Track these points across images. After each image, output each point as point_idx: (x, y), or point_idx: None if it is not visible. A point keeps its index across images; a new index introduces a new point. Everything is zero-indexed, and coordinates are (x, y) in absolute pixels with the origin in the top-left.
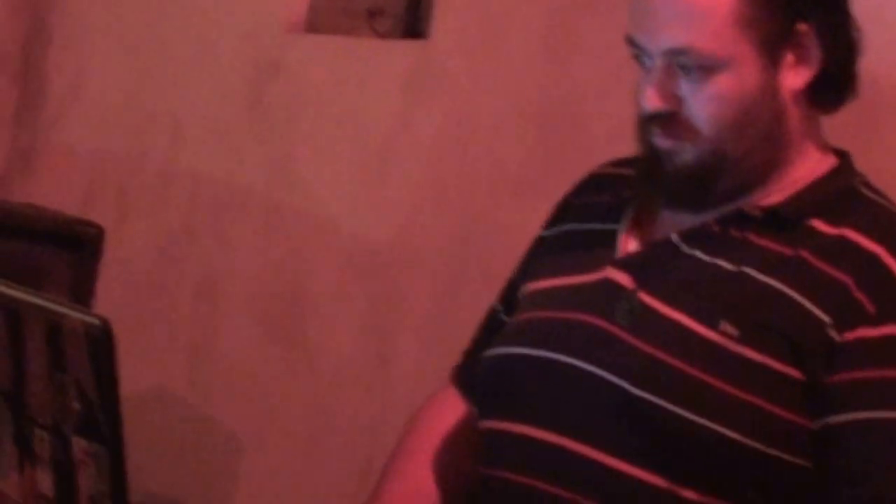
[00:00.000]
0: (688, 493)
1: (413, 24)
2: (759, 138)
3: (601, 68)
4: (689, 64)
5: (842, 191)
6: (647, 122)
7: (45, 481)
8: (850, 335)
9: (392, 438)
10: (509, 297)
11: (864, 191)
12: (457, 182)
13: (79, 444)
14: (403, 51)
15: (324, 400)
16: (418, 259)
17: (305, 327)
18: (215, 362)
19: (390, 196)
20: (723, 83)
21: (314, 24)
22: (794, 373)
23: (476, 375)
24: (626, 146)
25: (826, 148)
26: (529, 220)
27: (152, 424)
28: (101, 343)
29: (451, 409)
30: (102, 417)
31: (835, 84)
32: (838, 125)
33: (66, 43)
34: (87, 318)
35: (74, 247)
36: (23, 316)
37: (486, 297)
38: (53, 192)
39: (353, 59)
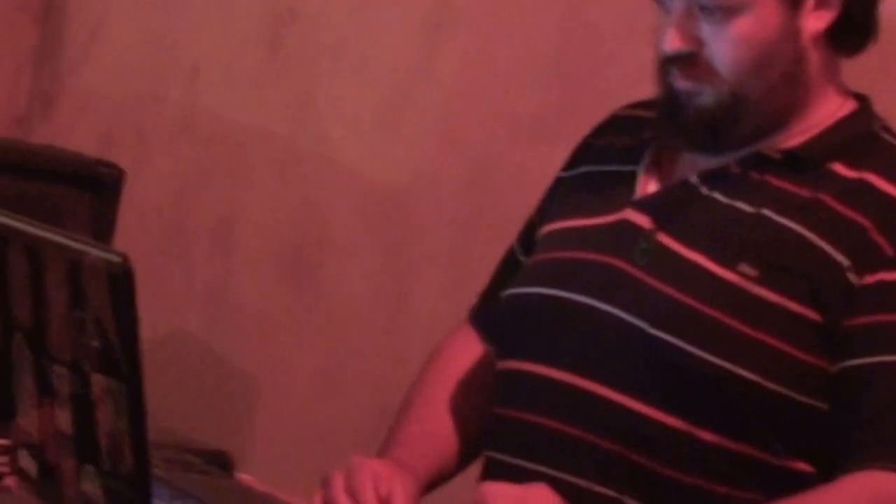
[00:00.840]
0: (704, 435)
1: None
2: (779, 81)
3: (619, 11)
4: (710, 5)
5: (861, 134)
6: (668, 63)
7: (64, 418)
8: (870, 278)
9: (409, 381)
10: (527, 238)
11: (884, 135)
12: (474, 125)
13: (98, 381)
14: None
15: (340, 342)
16: (435, 202)
17: (322, 270)
18: (232, 305)
19: (407, 139)
20: (744, 25)
21: None
22: (812, 314)
23: (493, 315)
24: (644, 90)
25: (846, 92)
26: (546, 163)
27: (169, 366)
28: (121, 280)
29: (468, 350)
30: (121, 354)
31: (856, 28)
32: (858, 70)
33: None
34: (108, 255)
35: (94, 188)
36: (43, 254)
37: (502, 240)
38: (73, 134)
39: (371, 1)
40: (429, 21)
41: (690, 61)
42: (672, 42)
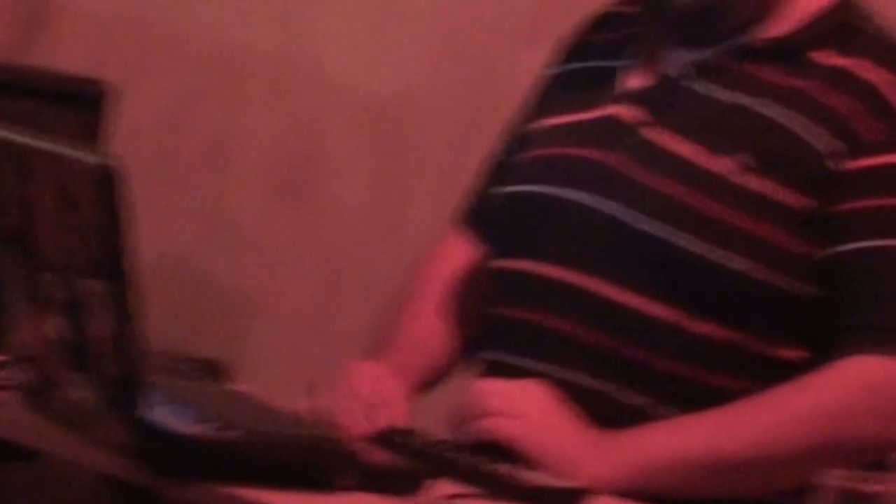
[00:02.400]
0: (696, 325)
1: None
2: None
3: None
4: None
5: (847, 23)
6: None
7: (57, 326)
8: (853, 164)
9: None
10: (513, 137)
11: (866, 24)
12: (468, 31)
13: (89, 286)
14: None
15: (337, 256)
16: (431, 110)
17: (317, 185)
18: (227, 222)
19: (400, 48)
20: None
21: None
22: (800, 202)
23: (484, 215)
24: None
25: None
26: (542, 67)
27: (165, 286)
28: (111, 181)
29: (460, 252)
30: (112, 256)
31: None
32: None
33: None
34: (96, 158)
35: (83, 105)
36: (29, 158)
37: None
38: (63, 56)
39: None
40: None
41: None
42: None
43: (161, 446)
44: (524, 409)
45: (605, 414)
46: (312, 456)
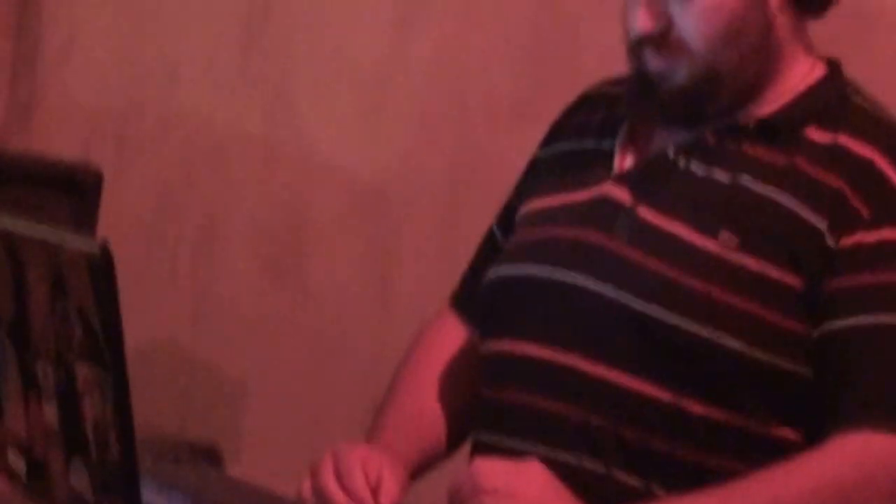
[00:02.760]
0: (692, 406)
1: None
2: (749, 49)
3: None
4: None
5: (833, 98)
6: (639, 44)
7: (51, 412)
8: (847, 240)
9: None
10: (506, 220)
11: (856, 98)
12: (451, 113)
13: (82, 372)
14: None
15: (327, 336)
16: (416, 191)
17: (306, 265)
18: (218, 305)
19: (386, 130)
20: None
21: None
22: (793, 280)
23: (476, 297)
24: (619, 68)
25: (816, 56)
26: (524, 148)
27: (158, 370)
28: (102, 268)
29: (451, 333)
30: (105, 341)
31: None
32: (829, 37)
33: None
34: (87, 245)
35: (73, 191)
36: (23, 246)
37: (484, 225)
38: (52, 144)
39: None
40: (403, 10)
41: (662, 40)
42: (643, 23)
43: None
44: (521, 489)
45: (599, 494)
46: None
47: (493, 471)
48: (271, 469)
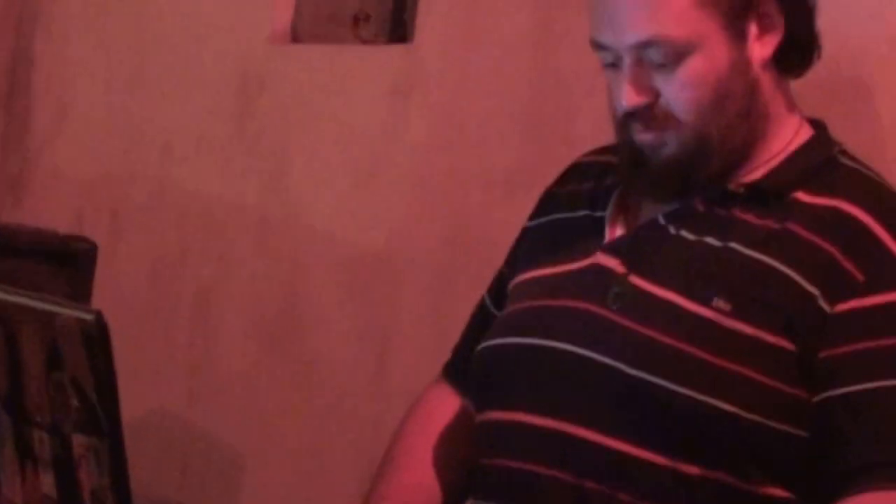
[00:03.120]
0: (690, 469)
1: (397, 29)
2: (737, 115)
3: (587, 63)
4: (658, 54)
5: (821, 161)
6: (627, 120)
7: (48, 482)
8: (842, 307)
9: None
10: (498, 290)
11: (844, 159)
12: (447, 184)
13: (78, 441)
14: (388, 56)
15: (324, 409)
16: (412, 263)
17: (303, 338)
18: (214, 378)
19: (382, 201)
20: (695, 66)
21: (299, 34)
22: (787, 345)
23: (469, 369)
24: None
25: (802, 119)
26: (521, 218)
27: (153, 442)
28: (96, 336)
29: (445, 404)
30: (101, 411)
31: (799, 46)
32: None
33: (51, 67)
34: (81, 314)
35: (68, 263)
36: (15, 318)
37: (480, 295)
38: (45, 216)
39: (338, 66)
40: (398, 81)
41: (649, 113)
42: (629, 98)
43: None
44: None
45: None
46: None
47: None
48: None
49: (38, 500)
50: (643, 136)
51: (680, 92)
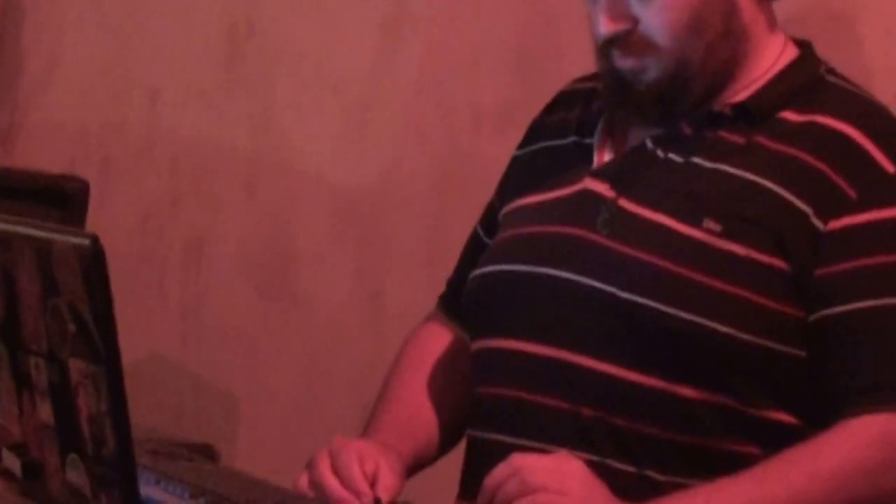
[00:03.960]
0: (685, 391)
1: None
2: (716, 37)
3: None
4: None
5: (808, 80)
6: (606, 46)
7: (45, 409)
8: (835, 224)
9: None
10: (489, 220)
11: (830, 78)
12: (437, 122)
13: (76, 366)
14: None
15: (318, 350)
16: (404, 202)
17: (296, 280)
18: (208, 322)
19: (373, 142)
20: None
21: None
22: (780, 264)
23: (463, 298)
24: None
25: (787, 39)
26: (511, 153)
27: (148, 389)
28: (92, 260)
29: (441, 335)
30: (98, 335)
31: None
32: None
33: (40, 19)
34: (76, 238)
35: (60, 202)
36: (12, 244)
37: None
38: (35, 166)
39: (326, 9)
40: (386, 22)
41: (627, 39)
42: (606, 25)
43: None
44: (568, 484)
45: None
46: None
47: (537, 467)
48: (266, 471)
49: (36, 429)
50: (623, 62)
51: (657, 17)
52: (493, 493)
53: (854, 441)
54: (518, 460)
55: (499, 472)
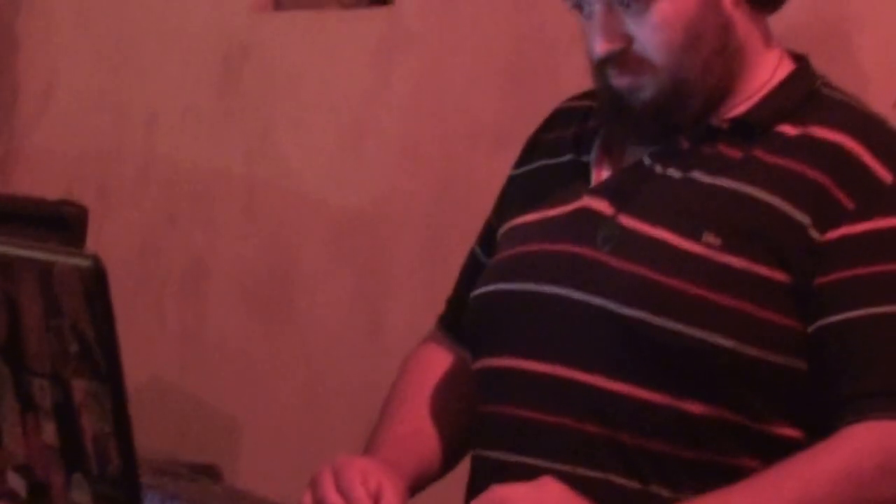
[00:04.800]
0: (692, 407)
1: None
2: (712, 53)
3: (568, 17)
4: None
5: (805, 93)
6: (602, 66)
7: (49, 430)
8: (832, 234)
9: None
10: (487, 239)
11: (826, 90)
12: (433, 142)
13: (79, 387)
14: (370, 19)
15: (317, 372)
16: (401, 222)
17: (294, 302)
18: (206, 346)
19: (369, 163)
20: (665, 8)
21: (280, 1)
22: (780, 276)
23: (462, 319)
24: None
25: (783, 53)
26: (507, 172)
27: (150, 413)
28: (94, 279)
29: (439, 356)
30: (101, 355)
31: None
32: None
33: (35, 47)
34: (78, 259)
35: (60, 228)
36: (14, 267)
37: None
38: (34, 193)
39: (321, 32)
40: (381, 44)
41: (623, 58)
42: (601, 45)
43: None
44: None
45: (605, 502)
46: None
47: (519, 495)
48: (269, 490)
49: (41, 450)
50: (620, 81)
51: (652, 35)
52: None
53: (851, 448)
54: (498, 491)
55: (479, 501)
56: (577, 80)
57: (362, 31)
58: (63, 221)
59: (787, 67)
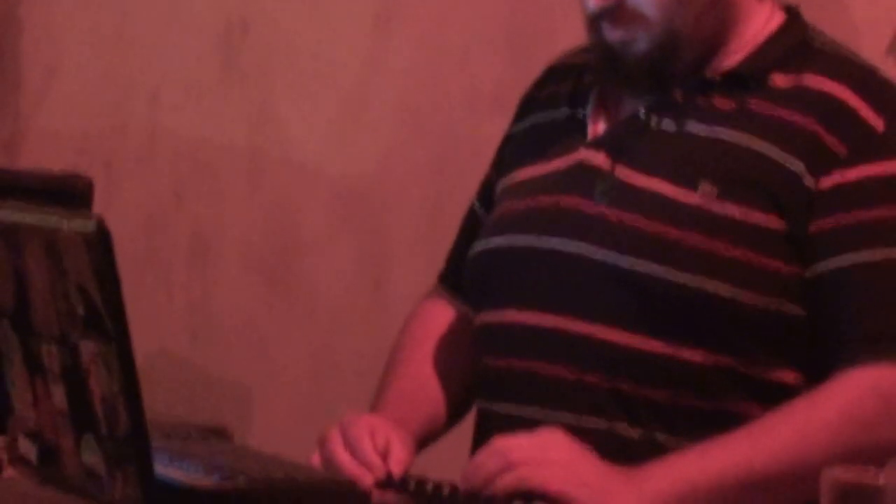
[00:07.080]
0: (692, 356)
1: None
2: (704, 6)
3: None
4: None
5: (796, 43)
6: (596, 19)
7: (58, 394)
8: (826, 181)
9: None
10: (486, 195)
11: (817, 40)
12: (433, 109)
13: (86, 348)
14: None
15: (325, 340)
16: (403, 187)
17: (300, 272)
18: (215, 317)
19: (370, 130)
20: None
21: None
22: (776, 223)
23: (463, 274)
24: None
25: (774, 5)
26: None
27: (160, 385)
28: (99, 242)
29: (442, 310)
30: (106, 314)
31: None
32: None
33: (38, 29)
34: (83, 222)
35: (66, 201)
36: (20, 233)
37: None
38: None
39: (320, 2)
40: (379, 12)
41: (617, 12)
42: None
43: (171, 500)
44: (553, 455)
45: (603, 449)
46: (328, 498)
47: (520, 444)
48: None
49: (51, 414)
50: (613, 34)
51: None
52: (476, 475)
53: (849, 392)
54: (499, 442)
55: (481, 455)
56: (574, 43)
57: (361, 1)
58: (69, 194)
59: (778, 19)
